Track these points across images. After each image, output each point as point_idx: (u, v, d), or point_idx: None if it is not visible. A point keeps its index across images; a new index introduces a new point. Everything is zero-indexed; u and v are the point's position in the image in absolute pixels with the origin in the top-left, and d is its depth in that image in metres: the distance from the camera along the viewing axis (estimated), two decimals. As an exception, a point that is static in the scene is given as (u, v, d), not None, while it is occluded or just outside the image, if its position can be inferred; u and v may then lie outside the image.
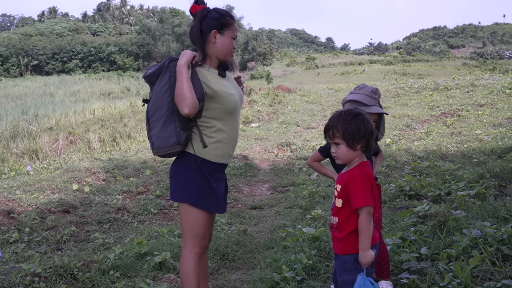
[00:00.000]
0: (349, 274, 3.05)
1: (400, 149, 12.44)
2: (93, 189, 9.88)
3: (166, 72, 3.47)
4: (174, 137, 3.44)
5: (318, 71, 71.85)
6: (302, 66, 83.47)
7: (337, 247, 3.12)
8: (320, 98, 30.16)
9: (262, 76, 61.59)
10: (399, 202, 7.01)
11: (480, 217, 5.23)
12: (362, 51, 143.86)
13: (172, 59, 3.53)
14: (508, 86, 23.39)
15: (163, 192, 9.33)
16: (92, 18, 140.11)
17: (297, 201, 8.14)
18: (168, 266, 5.22)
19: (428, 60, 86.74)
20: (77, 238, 7.08)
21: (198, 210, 3.53)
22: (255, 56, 79.53)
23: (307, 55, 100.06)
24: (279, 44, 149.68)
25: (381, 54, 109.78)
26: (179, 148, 3.47)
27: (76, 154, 15.58)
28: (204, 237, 3.64)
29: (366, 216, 2.94)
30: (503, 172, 7.39)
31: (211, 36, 3.53)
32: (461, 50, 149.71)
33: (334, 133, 3.02)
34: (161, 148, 3.48)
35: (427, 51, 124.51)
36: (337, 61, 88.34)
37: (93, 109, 26.57)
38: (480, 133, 13.20)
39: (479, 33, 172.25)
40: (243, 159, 12.37)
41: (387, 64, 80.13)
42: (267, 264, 5.08)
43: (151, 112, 3.50)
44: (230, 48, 3.60)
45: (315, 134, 17.15)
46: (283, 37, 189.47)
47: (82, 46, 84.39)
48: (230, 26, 3.58)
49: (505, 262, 3.88)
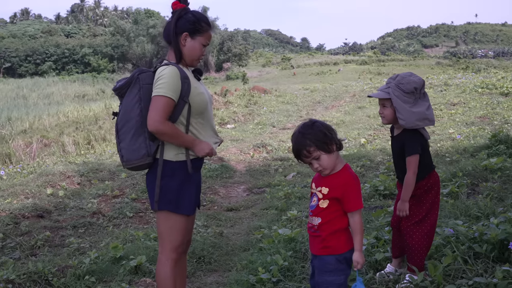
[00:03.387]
0: (330, 275, 3.08)
1: (374, 149, 12.55)
2: (67, 193, 9.80)
3: (135, 85, 3.48)
4: (144, 149, 3.43)
5: (293, 72, 71.99)
6: (277, 66, 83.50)
7: (316, 247, 3.15)
8: (296, 99, 30.24)
9: (238, 77, 61.46)
10: (374, 201, 7.07)
11: (452, 216, 5.31)
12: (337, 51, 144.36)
13: (141, 71, 3.54)
14: (480, 85, 23.76)
15: (138, 195, 9.28)
16: (65, 19, 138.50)
17: (273, 202, 8.16)
18: (144, 270, 5.20)
19: (402, 60, 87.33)
20: (52, 243, 7.01)
21: (177, 215, 3.52)
22: (231, 56, 79.37)
23: (282, 56, 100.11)
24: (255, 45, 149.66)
25: (356, 54, 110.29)
26: (149, 160, 3.46)
27: (50, 157, 15.43)
28: (182, 243, 3.62)
29: (360, 218, 3.04)
30: (475, 171, 7.51)
31: (182, 38, 3.53)
32: (434, 49, 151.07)
33: (308, 149, 3.07)
34: (131, 160, 3.46)
35: (401, 51, 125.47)
36: (312, 61, 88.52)
37: (68, 112, 26.36)
38: (453, 132, 13.39)
39: (452, 33, 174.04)
40: (219, 161, 12.36)
41: (362, 64, 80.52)
42: (243, 266, 5.09)
43: (120, 125, 3.49)
44: (197, 54, 3.60)
45: (291, 134, 17.09)
46: (259, 37, 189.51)
47: (56, 48, 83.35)
48: (203, 32, 3.58)
49: (476, 260, 3.94)
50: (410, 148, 3.80)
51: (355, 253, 3.03)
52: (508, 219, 4.36)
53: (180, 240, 3.59)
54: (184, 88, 3.43)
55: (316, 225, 3.11)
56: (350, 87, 35.10)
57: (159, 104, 3.34)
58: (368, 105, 23.79)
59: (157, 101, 3.35)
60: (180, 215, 3.53)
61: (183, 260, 3.83)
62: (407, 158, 3.80)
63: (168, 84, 3.36)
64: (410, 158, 3.79)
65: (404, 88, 3.76)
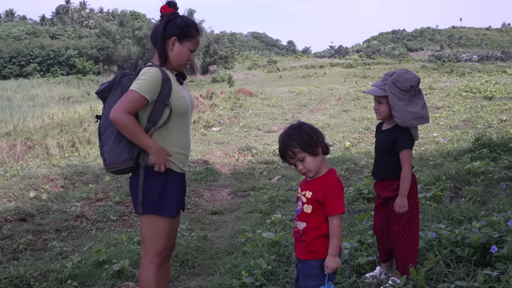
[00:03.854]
0: (313, 279, 3.07)
1: (359, 152, 12.60)
2: (51, 196, 9.73)
3: (117, 88, 3.47)
4: (126, 153, 3.41)
5: (279, 74, 72.07)
6: (263, 69, 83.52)
7: (301, 251, 3.15)
8: (281, 102, 30.27)
9: (224, 79, 61.43)
10: (358, 205, 7.10)
11: (435, 219, 5.34)
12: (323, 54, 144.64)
13: (124, 74, 3.53)
14: (464, 89, 23.94)
15: (122, 199, 9.24)
16: (50, 21, 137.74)
17: (257, 206, 8.16)
18: (127, 274, 5.17)
19: (387, 63, 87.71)
20: (34, 247, 6.95)
21: (161, 219, 3.50)
22: (217, 59, 79.32)
23: (268, 58, 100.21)
24: (241, 47, 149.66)
25: (341, 57, 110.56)
26: (132, 164, 3.43)
27: (34, 160, 15.33)
28: (165, 247, 3.61)
29: (340, 223, 3.02)
30: (459, 174, 7.55)
31: (170, 42, 3.52)
32: (419, 53, 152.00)
33: (293, 151, 3.07)
34: (113, 164, 3.43)
35: (386, 54, 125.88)
36: (298, 64, 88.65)
37: (52, 114, 26.24)
38: (437, 136, 13.48)
39: (437, 36, 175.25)
40: (203, 164, 12.34)
41: (348, 67, 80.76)
42: (227, 270, 5.08)
43: (103, 128, 3.48)
44: (184, 59, 3.59)
45: (276, 137, 17.04)
46: (245, 40, 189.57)
47: (41, 49, 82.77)
48: (192, 38, 3.57)
49: (458, 263, 3.96)
50: (403, 143, 3.83)
51: (328, 257, 3.01)
52: (490, 223, 4.38)
53: (164, 245, 3.57)
54: (165, 90, 3.41)
55: (301, 230, 3.12)
56: (335, 90, 35.19)
57: (128, 97, 3.33)
58: (353, 108, 23.87)
59: (128, 94, 3.34)
60: (164, 218, 3.51)
61: (166, 264, 3.82)
62: (401, 153, 3.82)
63: (146, 82, 3.35)
64: (404, 152, 3.81)
65: (401, 86, 3.79)
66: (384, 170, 3.96)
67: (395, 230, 3.91)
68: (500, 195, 6.25)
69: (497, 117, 15.55)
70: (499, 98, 20.50)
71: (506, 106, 17.74)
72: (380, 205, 4.06)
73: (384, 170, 3.96)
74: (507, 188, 6.50)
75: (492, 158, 8.54)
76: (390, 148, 3.88)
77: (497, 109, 17.58)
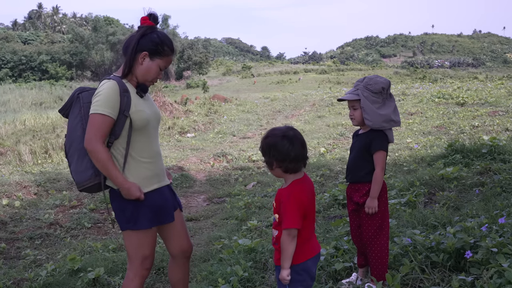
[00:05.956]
0: (288, 285, 3.09)
1: (334, 158, 12.66)
2: (24, 203, 9.61)
3: (76, 104, 3.43)
4: (91, 169, 3.36)
5: (254, 80, 72.23)
6: (238, 75, 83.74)
7: (275, 257, 3.17)
8: (256, 107, 30.32)
9: (198, 85, 61.36)
10: (333, 211, 7.12)
11: (410, 225, 5.38)
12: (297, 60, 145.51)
13: (82, 90, 3.49)
14: (437, 95, 24.21)
15: (97, 206, 9.16)
16: (22, 26, 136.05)
17: (233, 212, 8.14)
18: (102, 282, 5.12)
19: (361, 69, 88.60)
20: (7, 255, 6.86)
21: (138, 232, 3.46)
22: (191, 65, 79.28)
23: (243, 64, 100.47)
24: (215, 53, 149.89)
25: (315, 63, 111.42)
26: (98, 180, 3.37)
27: (6, 167, 15.11)
28: (149, 258, 3.57)
29: (286, 238, 2.99)
30: (432, 180, 7.63)
31: (141, 56, 3.43)
32: (392, 59, 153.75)
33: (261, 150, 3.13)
34: (80, 182, 3.39)
35: (360, 60, 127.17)
36: (272, 70, 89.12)
37: (24, 120, 25.91)
38: (411, 142, 13.61)
39: (410, 43, 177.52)
40: (178, 170, 12.30)
41: (322, 73, 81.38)
42: (203, 277, 5.06)
43: (67, 147, 3.45)
44: (152, 76, 3.49)
45: (251, 144, 17.21)
46: (219, 46, 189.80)
47: (12, 54, 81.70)
48: (163, 56, 3.48)
49: (433, 269, 4.00)
50: (378, 144, 3.85)
51: (280, 270, 3.05)
52: (464, 228, 4.43)
53: (147, 255, 3.54)
54: (124, 102, 3.34)
55: (274, 237, 3.14)
56: (310, 96, 35.36)
57: (95, 122, 3.26)
58: (327, 114, 23.99)
59: (93, 119, 3.27)
60: (141, 231, 3.47)
61: (185, 265, 3.87)
62: (375, 154, 3.85)
63: (104, 101, 3.27)
64: (378, 153, 3.84)
65: (372, 89, 3.83)
66: (357, 172, 3.98)
67: (368, 237, 3.94)
68: (473, 200, 6.33)
69: (469, 123, 15.76)
70: (471, 104, 20.78)
71: (478, 112, 17.99)
72: (353, 211, 4.09)
73: (357, 171, 3.98)
74: (480, 193, 6.58)
75: (465, 163, 8.64)
76: (365, 150, 3.91)
77: (469, 115, 17.81)
